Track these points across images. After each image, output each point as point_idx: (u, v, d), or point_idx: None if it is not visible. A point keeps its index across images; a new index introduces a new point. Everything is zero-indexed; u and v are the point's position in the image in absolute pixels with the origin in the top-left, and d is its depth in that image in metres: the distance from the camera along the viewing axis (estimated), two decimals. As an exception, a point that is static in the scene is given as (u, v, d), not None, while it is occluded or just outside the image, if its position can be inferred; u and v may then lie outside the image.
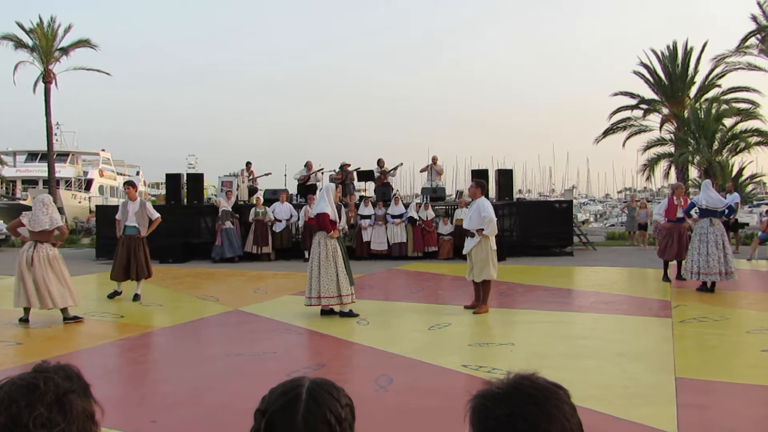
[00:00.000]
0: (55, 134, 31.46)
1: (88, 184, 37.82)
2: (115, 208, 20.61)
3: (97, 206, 24.51)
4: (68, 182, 36.14)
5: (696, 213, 10.09)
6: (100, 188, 39.74)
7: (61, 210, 30.03)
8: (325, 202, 8.10)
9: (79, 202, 35.16)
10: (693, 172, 25.95)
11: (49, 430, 1.17)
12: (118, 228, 9.82)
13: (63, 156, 37.13)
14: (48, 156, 29.07)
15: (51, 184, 28.84)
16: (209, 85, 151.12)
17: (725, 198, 15.38)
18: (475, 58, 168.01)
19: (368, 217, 16.02)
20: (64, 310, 7.85)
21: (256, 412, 1.27)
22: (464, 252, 8.58)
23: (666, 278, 10.84)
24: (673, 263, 10.98)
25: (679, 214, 10.67)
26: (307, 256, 15.14)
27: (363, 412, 1.30)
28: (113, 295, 9.64)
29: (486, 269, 8.19)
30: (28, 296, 7.59)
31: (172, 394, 5.07)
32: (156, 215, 9.78)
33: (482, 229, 8.13)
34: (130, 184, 9.95)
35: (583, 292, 10.38)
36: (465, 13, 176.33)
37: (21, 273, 7.64)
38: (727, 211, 10.34)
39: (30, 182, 34.95)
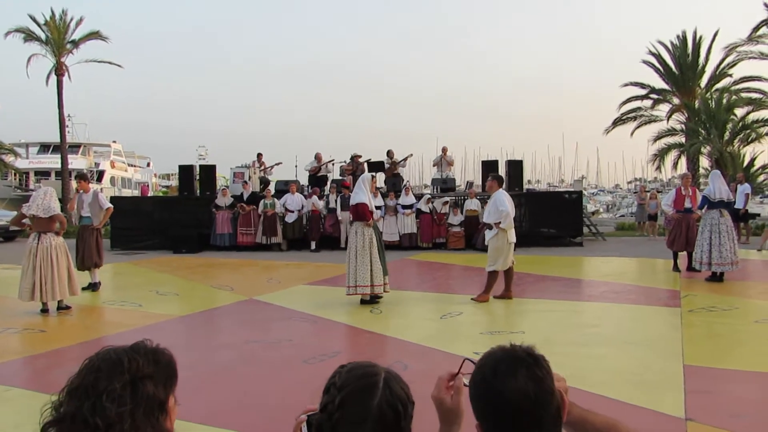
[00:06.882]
0: (67, 126, 31.61)
1: (100, 175, 38.11)
2: (127, 199, 21.11)
3: (110, 198, 24.69)
4: (80, 173, 36.50)
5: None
6: (112, 179, 40.11)
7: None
8: (363, 192, 8.31)
9: (91, 193, 35.49)
10: (704, 162, 25.85)
11: (117, 406, 1.25)
12: (68, 222, 9.93)
13: (75, 147, 37.49)
14: (61, 148, 29.35)
15: (63, 175, 29.10)
16: (220, 75, 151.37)
17: (736, 189, 15.47)
18: (486, 50, 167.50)
19: (378, 208, 16.09)
20: (60, 300, 8.05)
21: (330, 385, 1.34)
22: (486, 243, 8.69)
23: (676, 268, 10.90)
24: (683, 253, 11.02)
25: (687, 204, 10.70)
26: (313, 246, 15.65)
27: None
28: (88, 287, 9.60)
29: (498, 260, 8.33)
30: (32, 291, 7.77)
31: (192, 379, 5.21)
32: (108, 205, 9.91)
33: (500, 222, 8.28)
34: (81, 178, 10.19)
35: (592, 282, 10.47)
36: (477, 1, 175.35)
37: (24, 267, 7.86)
38: (729, 201, 10.27)
39: (43, 174, 35.27)
